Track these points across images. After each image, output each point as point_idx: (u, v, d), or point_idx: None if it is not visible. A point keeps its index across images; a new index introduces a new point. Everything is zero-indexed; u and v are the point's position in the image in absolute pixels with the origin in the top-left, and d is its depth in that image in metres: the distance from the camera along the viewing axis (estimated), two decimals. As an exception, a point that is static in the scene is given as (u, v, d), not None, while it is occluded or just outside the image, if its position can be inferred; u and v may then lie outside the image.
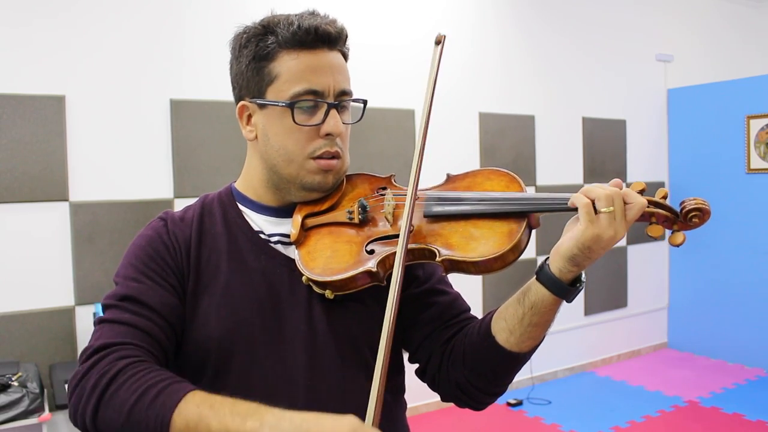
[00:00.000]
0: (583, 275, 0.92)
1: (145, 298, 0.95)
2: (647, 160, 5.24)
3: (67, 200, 3.01)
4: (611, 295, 5.07)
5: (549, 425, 3.89)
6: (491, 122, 4.36)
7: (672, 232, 0.90)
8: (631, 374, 4.78)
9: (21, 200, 2.91)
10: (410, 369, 1.14)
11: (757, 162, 4.78)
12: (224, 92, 1.11)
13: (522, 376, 4.46)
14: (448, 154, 4.02)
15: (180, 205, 3.20)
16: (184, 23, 3.30)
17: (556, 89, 4.70)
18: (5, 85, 2.87)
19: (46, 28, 2.95)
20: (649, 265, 5.28)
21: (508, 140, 4.44)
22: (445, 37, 1.01)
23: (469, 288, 4.15)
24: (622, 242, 5.09)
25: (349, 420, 0.78)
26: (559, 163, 4.68)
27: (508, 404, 4.19)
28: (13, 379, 2.54)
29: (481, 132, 4.31)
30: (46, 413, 2.52)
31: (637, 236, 5.16)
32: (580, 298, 4.84)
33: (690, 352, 5.28)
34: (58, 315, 2.98)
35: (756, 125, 4.76)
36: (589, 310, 4.92)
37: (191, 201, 1.14)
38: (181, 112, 3.27)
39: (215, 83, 3.29)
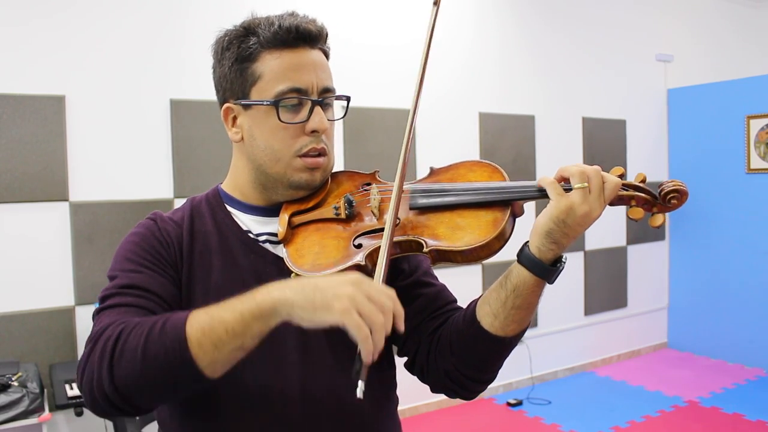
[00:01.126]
0: (564, 256, 0.93)
1: (147, 285, 0.95)
2: (647, 160, 5.24)
3: (67, 200, 3.01)
4: (611, 295, 5.07)
5: (549, 425, 3.89)
6: (491, 122, 4.36)
7: (652, 215, 0.94)
8: (631, 374, 4.78)
9: (21, 200, 2.91)
10: (402, 367, 1.14)
11: (757, 162, 4.78)
12: (224, 92, 1.12)
13: (522, 376, 4.46)
14: (448, 153, 4.02)
15: (179, 205, 3.20)
16: (184, 23, 3.30)
17: (556, 89, 4.70)
18: (5, 85, 2.87)
19: (46, 28, 2.95)
20: (649, 265, 5.28)
21: (508, 140, 4.44)
22: None
23: (467, 282, 4.15)
24: (622, 242, 5.09)
25: (354, 275, 0.81)
26: (559, 163, 4.62)
27: (508, 404, 4.19)
28: (13, 379, 2.54)
29: (481, 132, 4.31)
30: (46, 413, 2.52)
31: (637, 236, 5.16)
32: (580, 298, 4.84)
33: (690, 352, 5.28)
34: (58, 315, 2.98)
35: (756, 125, 4.76)
36: (589, 310, 4.92)
37: (190, 201, 1.14)
38: (181, 112, 3.27)
39: (215, 83, 3.28)
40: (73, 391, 2.64)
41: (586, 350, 4.94)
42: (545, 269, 0.91)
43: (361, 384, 0.78)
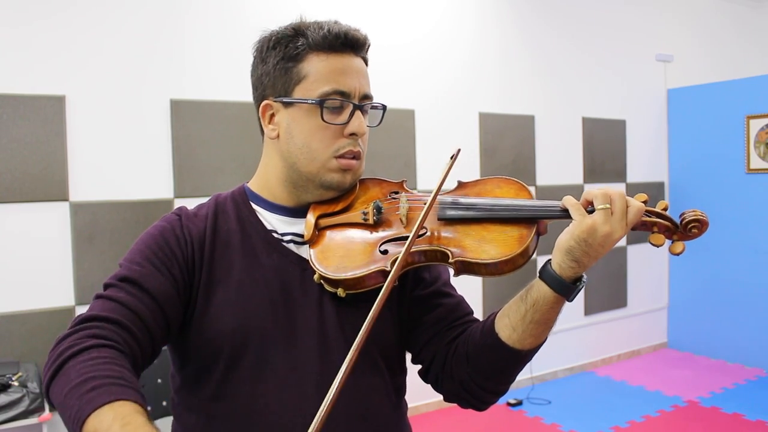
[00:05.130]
0: (585, 275, 0.95)
1: (144, 281, 0.97)
2: (647, 160, 5.24)
3: (67, 200, 3.01)
4: (611, 295, 5.07)
5: (549, 425, 3.89)
6: (491, 122, 4.36)
7: (672, 242, 0.96)
8: (631, 374, 4.79)
9: (21, 200, 2.91)
10: (410, 370, 1.15)
11: (757, 162, 4.78)
12: (224, 92, 1.12)
13: (522, 376, 4.46)
14: (449, 154, 4.01)
15: (180, 205, 3.20)
16: (185, 23, 3.30)
17: (556, 89, 4.70)
18: (5, 85, 2.87)
19: (46, 29, 2.95)
20: (648, 265, 5.28)
21: (508, 140, 4.44)
22: (459, 151, 1.06)
23: (469, 289, 4.15)
24: (622, 242, 5.09)
25: None
26: (559, 163, 4.68)
27: (508, 404, 4.19)
28: (13, 379, 2.54)
29: (481, 132, 4.31)
30: (46, 413, 2.52)
31: (637, 237, 5.16)
32: (580, 298, 4.84)
33: (690, 352, 5.28)
34: (58, 315, 2.98)
35: (756, 125, 4.76)
36: (589, 310, 4.92)
37: (191, 201, 1.15)
38: (181, 112, 3.27)
39: (215, 83, 3.29)
40: (73, 391, 2.64)
41: (586, 350, 4.95)
42: (565, 286, 0.93)
43: None
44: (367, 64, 1.10)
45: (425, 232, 1.01)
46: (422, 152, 4.03)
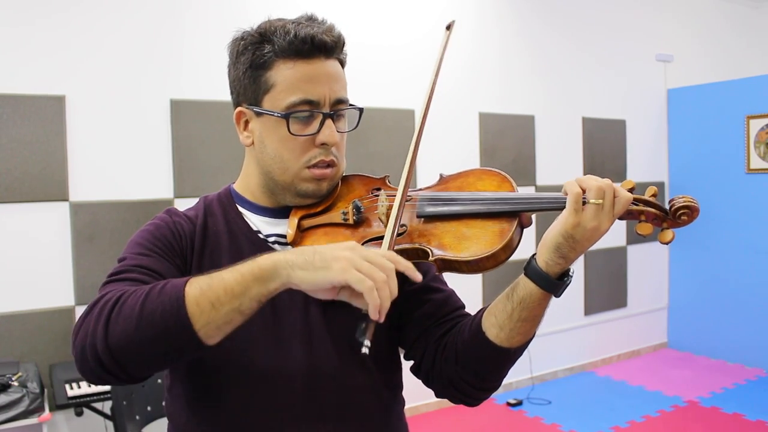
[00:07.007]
0: (572, 269, 0.93)
1: (155, 267, 0.96)
2: (647, 160, 5.24)
3: (67, 200, 3.01)
4: (611, 295, 5.07)
5: (549, 425, 3.89)
6: (491, 122, 4.36)
7: (661, 230, 0.92)
8: (631, 374, 4.79)
9: (21, 200, 2.91)
10: (408, 369, 1.15)
11: (757, 162, 4.78)
12: (224, 92, 1.12)
13: (522, 376, 4.46)
14: (448, 154, 4.03)
15: (180, 204, 3.20)
16: (184, 23, 3.30)
17: (556, 89, 4.70)
18: (5, 85, 2.87)
19: (46, 28, 2.95)
20: (648, 265, 5.28)
21: (508, 140, 4.44)
22: (454, 22, 1.02)
23: (468, 287, 4.15)
24: (622, 242, 5.09)
25: (350, 242, 0.84)
26: (559, 163, 4.68)
27: (508, 404, 4.19)
28: (13, 379, 2.54)
29: (481, 132, 4.31)
30: (46, 413, 2.52)
31: (637, 236, 5.15)
32: (580, 298, 4.84)
33: (690, 352, 5.28)
34: (58, 315, 2.98)
35: (756, 125, 4.76)
36: (589, 310, 4.92)
37: (191, 201, 1.15)
38: (181, 112, 3.27)
39: (215, 83, 3.27)
40: (73, 391, 2.64)
41: (586, 350, 4.94)
42: (552, 283, 0.91)
43: (367, 342, 0.79)
44: (343, 65, 1.06)
45: (404, 230, 0.99)
46: (422, 152, 3.98)
